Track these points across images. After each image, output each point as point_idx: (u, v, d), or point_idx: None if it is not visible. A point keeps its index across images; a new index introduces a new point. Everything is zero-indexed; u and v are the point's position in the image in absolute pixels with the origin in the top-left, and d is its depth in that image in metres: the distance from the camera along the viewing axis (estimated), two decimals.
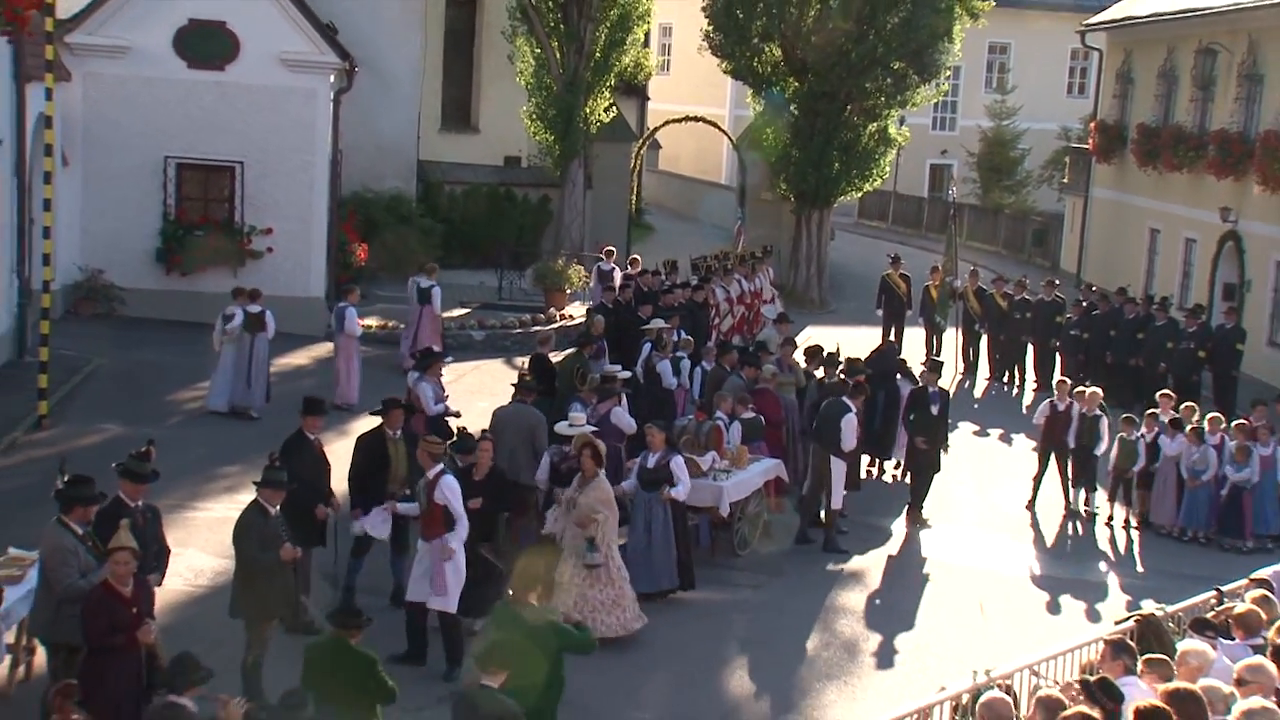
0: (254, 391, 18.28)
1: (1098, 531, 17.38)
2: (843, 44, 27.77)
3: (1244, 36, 26.70)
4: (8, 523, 11.61)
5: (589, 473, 12.28)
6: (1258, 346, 24.15)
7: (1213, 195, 26.96)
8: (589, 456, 12.32)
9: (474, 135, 31.56)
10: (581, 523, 12.10)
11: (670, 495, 13.10)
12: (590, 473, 12.28)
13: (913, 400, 17.05)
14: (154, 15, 22.52)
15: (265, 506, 10.72)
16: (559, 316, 24.97)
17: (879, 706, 10.45)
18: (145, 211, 22.85)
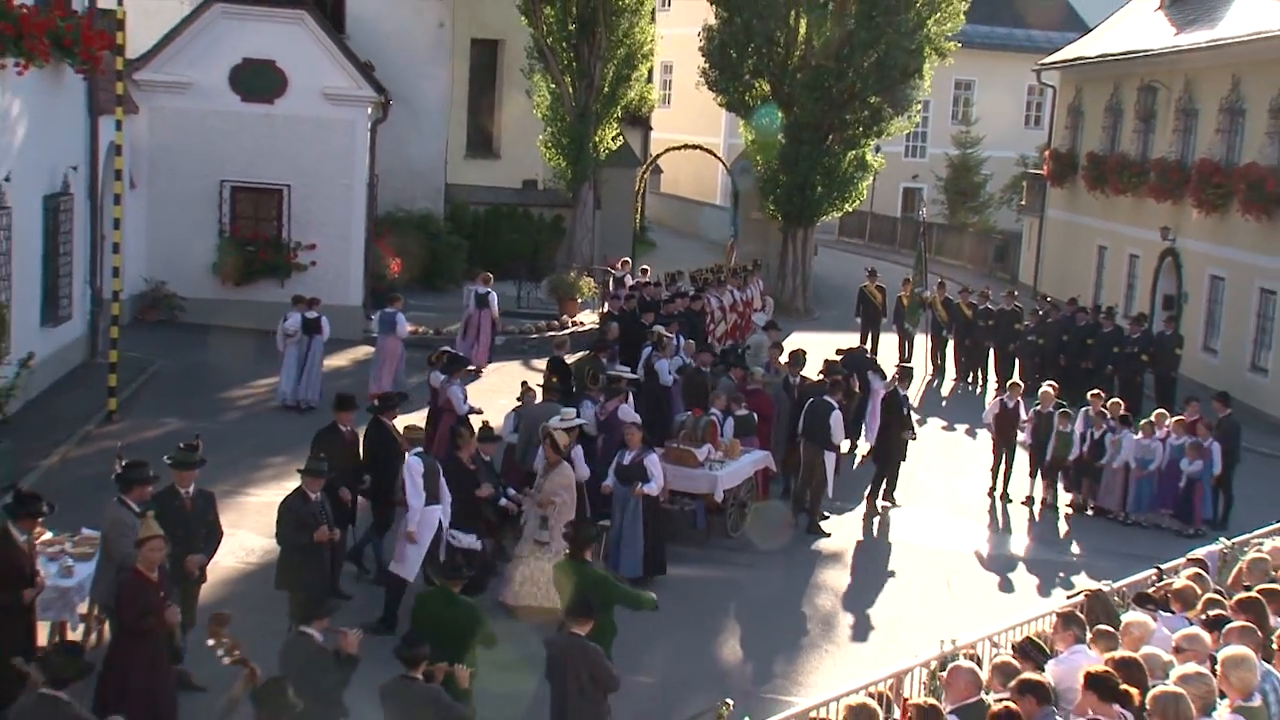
0: (310, 386, 18.46)
1: (1050, 516, 17.30)
2: (824, 80, 27.80)
3: (1181, 76, 26.82)
4: (81, 506, 11.63)
5: (552, 461, 12.21)
6: (1193, 351, 24.23)
7: (1154, 216, 27.04)
8: (550, 447, 12.27)
9: (495, 161, 31.60)
10: (542, 504, 12.03)
11: (642, 491, 12.84)
12: (553, 461, 12.20)
13: (890, 402, 16.93)
14: (212, 54, 22.70)
15: (307, 492, 10.76)
16: (571, 323, 25.00)
17: (857, 673, 10.42)
18: (203, 229, 22.96)
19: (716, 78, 29.48)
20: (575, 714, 8.70)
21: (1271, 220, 22.95)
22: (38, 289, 17.44)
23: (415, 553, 11.47)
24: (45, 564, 10.16)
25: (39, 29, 15.46)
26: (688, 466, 14.39)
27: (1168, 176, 26.45)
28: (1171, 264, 26.63)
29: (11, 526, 9.34)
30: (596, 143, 28.02)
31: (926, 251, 28.31)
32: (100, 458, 14.50)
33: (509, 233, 29.12)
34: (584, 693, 8.68)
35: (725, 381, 16.73)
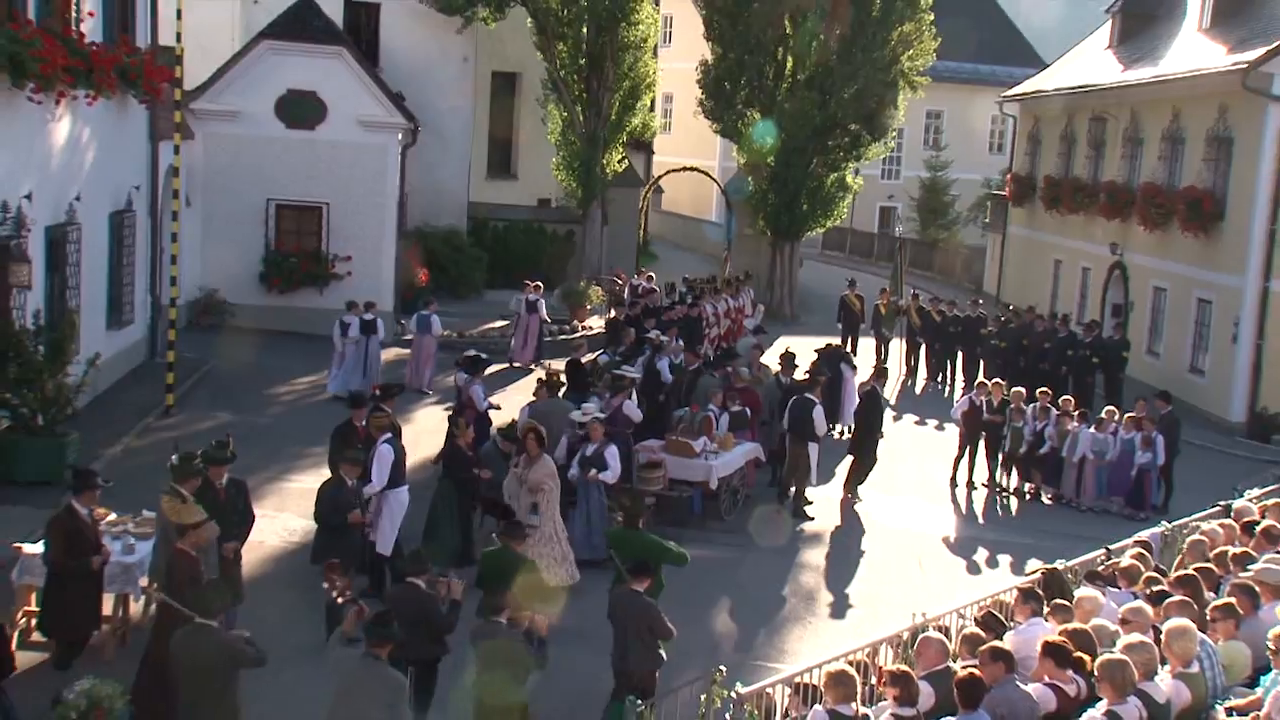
0: (368, 381, 18.50)
1: (1010, 501, 17.35)
2: (809, 110, 27.80)
3: (1127, 108, 26.86)
4: (142, 490, 11.65)
5: (533, 453, 12.07)
6: (1139, 354, 24.24)
7: (1103, 233, 27.07)
8: (533, 440, 12.15)
9: (513, 181, 31.62)
10: (534, 489, 11.97)
11: (596, 477, 12.73)
12: (535, 453, 12.07)
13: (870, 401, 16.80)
14: (260, 86, 22.80)
15: (343, 479, 10.80)
16: (581, 327, 25.05)
17: (836, 643, 10.37)
18: (251, 242, 23.05)
19: (712, 107, 29.54)
20: (635, 658, 9.15)
21: (1208, 237, 23.00)
22: (104, 296, 17.53)
23: (390, 529, 11.53)
24: (110, 542, 10.22)
25: (107, 64, 15.53)
26: (686, 457, 14.42)
27: (1116, 198, 26.46)
28: (1119, 276, 26.63)
29: (75, 502, 9.39)
30: (604, 165, 28.05)
31: (901, 264, 28.42)
32: (158, 448, 14.55)
33: (525, 246, 29.17)
34: (643, 640, 9.14)
35: (707, 380, 16.75)
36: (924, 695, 7.30)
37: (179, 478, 9.93)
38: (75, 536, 9.32)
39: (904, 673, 7.36)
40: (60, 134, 15.37)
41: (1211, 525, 11.32)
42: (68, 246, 15.82)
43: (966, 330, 23.67)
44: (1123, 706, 6.78)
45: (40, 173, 14.75)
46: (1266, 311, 21.69)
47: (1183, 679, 7.41)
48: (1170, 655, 7.50)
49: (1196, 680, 7.49)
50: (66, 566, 9.30)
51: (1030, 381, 19.27)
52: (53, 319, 14.76)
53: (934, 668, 7.67)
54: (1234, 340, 22.19)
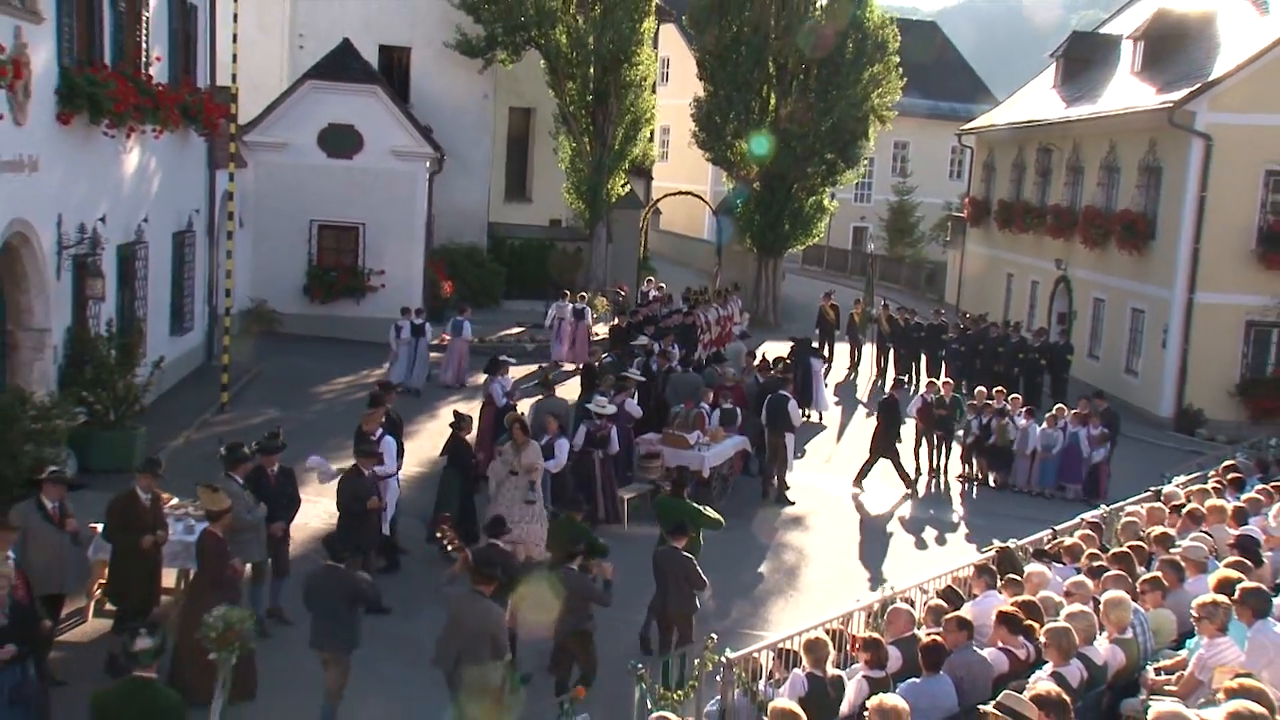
0: (417, 375, 19.04)
1: (967, 488, 17.31)
2: (790, 141, 27.83)
3: (1070, 140, 26.91)
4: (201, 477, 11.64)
5: (520, 440, 12.01)
6: (1081, 357, 24.29)
7: (1050, 250, 27.09)
8: (519, 429, 12.11)
9: (528, 204, 31.63)
10: (528, 470, 11.95)
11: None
12: (521, 441, 12.02)
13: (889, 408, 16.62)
14: (304, 121, 22.84)
15: (361, 470, 10.77)
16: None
17: (814, 614, 10.32)
18: (296, 258, 23.05)
19: (704, 138, 29.49)
20: (674, 605, 9.71)
21: (1141, 254, 23.03)
22: (167, 306, 17.57)
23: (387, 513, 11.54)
24: (173, 523, 10.18)
25: (171, 102, 15.61)
26: (681, 448, 14.42)
27: (1060, 219, 26.49)
28: (1064, 288, 26.65)
29: (138, 487, 9.41)
30: (609, 189, 28.06)
31: (872, 277, 28.49)
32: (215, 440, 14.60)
33: (539, 261, 29.11)
34: (681, 590, 9.69)
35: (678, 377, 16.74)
36: (892, 659, 7.36)
37: (228, 465, 9.98)
38: (131, 517, 9.26)
39: (875, 639, 7.44)
40: (130, 164, 15.43)
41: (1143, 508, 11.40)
42: (136, 263, 15.88)
43: (929, 336, 23.72)
44: (1066, 668, 6.83)
45: (113, 198, 14.81)
46: (1191, 320, 21.72)
47: (1118, 644, 7.48)
48: (1108, 623, 7.56)
49: (1130, 645, 7.55)
50: (119, 543, 9.27)
51: (986, 382, 19.33)
52: (123, 326, 14.85)
53: (901, 635, 7.72)
54: (1163, 345, 22.23)
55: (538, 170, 31.56)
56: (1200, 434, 21.28)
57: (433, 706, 8.47)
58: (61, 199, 13.08)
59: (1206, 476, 13.15)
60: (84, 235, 13.61)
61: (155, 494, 9.62)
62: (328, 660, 8.39)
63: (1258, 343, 21.77)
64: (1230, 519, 9.94)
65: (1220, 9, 25.06)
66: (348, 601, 8.31)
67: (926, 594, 9.49)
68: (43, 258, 12.65)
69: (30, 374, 12.67)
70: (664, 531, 10.22)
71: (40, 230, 12.52)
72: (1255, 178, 21.39)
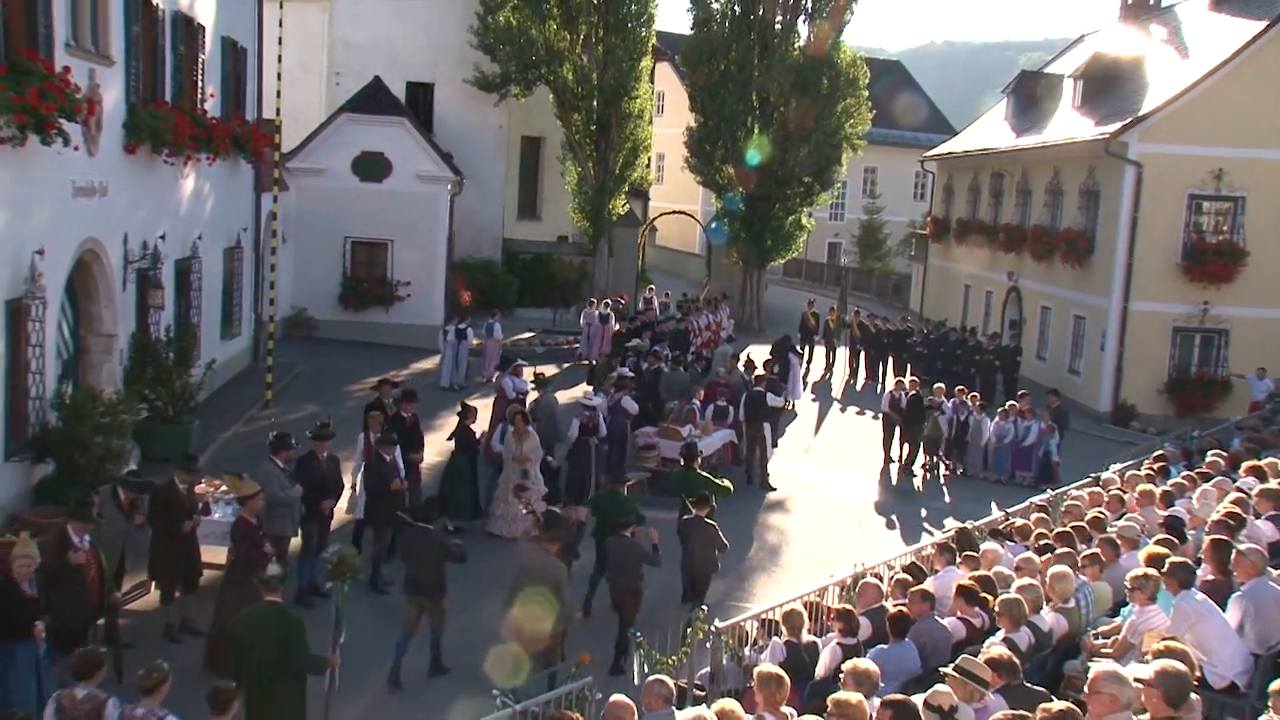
0: (459, 373, 19.42)
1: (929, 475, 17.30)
2: (772, 166, 27.86)
3: (1019, 166, 26.93)
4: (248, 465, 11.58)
5: (520, 430, 12.09)
6: (1030, 359, 24.32)
7: (1002, 264, 27.10)
8: (520, 420, 12.20)
9: (538, 222, 31.60)
10: (520, 460, 12.02)
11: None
12: (521, 430, 12.09)
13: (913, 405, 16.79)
14: (340, 149, 22.83)
15: (383, 455, 10.77)
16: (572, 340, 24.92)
17: (792, 588, 10.38)
18: (331, 271, 23.03)
19: (695, 163, 29.47)
20: (701, 565, 10.01)
21: (1082, 268, 23.07)
22: (218, 314, 17.56)
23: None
24: (221, 506, 10.22)
25: (223, 133, 15.64)
26: (674, 440, 14.40)
27: (1011, 236, 26.52)
28: (1014, 297, 26.67)
29: (176, 479, 9.40)
30: (610, 209, 28.04)
31: (846, 287, 28.53)
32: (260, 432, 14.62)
33: (547, 273, 29.14)
34: (706, 552, 10.00)
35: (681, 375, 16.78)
36: (863, 628, 7.42)
37: (273, 450, 10.03)
38: (170, 505, 9.25)
39: (847, 610, 7.49)
40: (186, 188, 15.45)
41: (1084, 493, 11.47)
42: (191, 275, 15.91)
43: (896, 340, 23.77)
44: (1016, 634, 6.89)
45: (171, 218, 14.84)
46: (1126, 326, 21.78)
47: (1062, 612, 7.53)
48: (1053, 594, 7.60)
49: (1072, 613, 7.60)
50: (159, 527, 9.27)
51: (945, 380, 19.37)
52: (180, 332, 14.82)
53: (871, 606, 7.76)
54: (1102, 348, 22.28)
55: (547, 191, 31.54)
56: (1134, 426, 21.34)
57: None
58: (127, 219, 13.12)
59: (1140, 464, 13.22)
60: (146, 251, 13.65)
61: (191, 485, 9.61)
62: (424, 605, 8.78)
63: (1183, 346, 21.87)
64: (1159, 501, 9.97)
65: (1148, 53, 25.23)
66: (437, 557, 8.66)
67: (893, 570, 9.51)
68: (111, 271, 12.69)
69: (100, 374, 12.70)
70: (688, 501, 10.40)
71: (109, 247, 12.55)
72: (1180, 201, 21.49)
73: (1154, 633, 6.51)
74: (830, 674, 6.95)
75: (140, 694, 6.07)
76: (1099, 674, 4.85)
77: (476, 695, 8.07)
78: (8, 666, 6.99)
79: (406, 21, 26.84)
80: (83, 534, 8.09)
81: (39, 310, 10.70)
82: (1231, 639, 6.49)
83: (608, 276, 28.87)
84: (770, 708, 5.81)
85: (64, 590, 7.87)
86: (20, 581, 7.15)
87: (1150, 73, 24.10)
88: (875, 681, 5.73)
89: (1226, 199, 21.49)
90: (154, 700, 6.00)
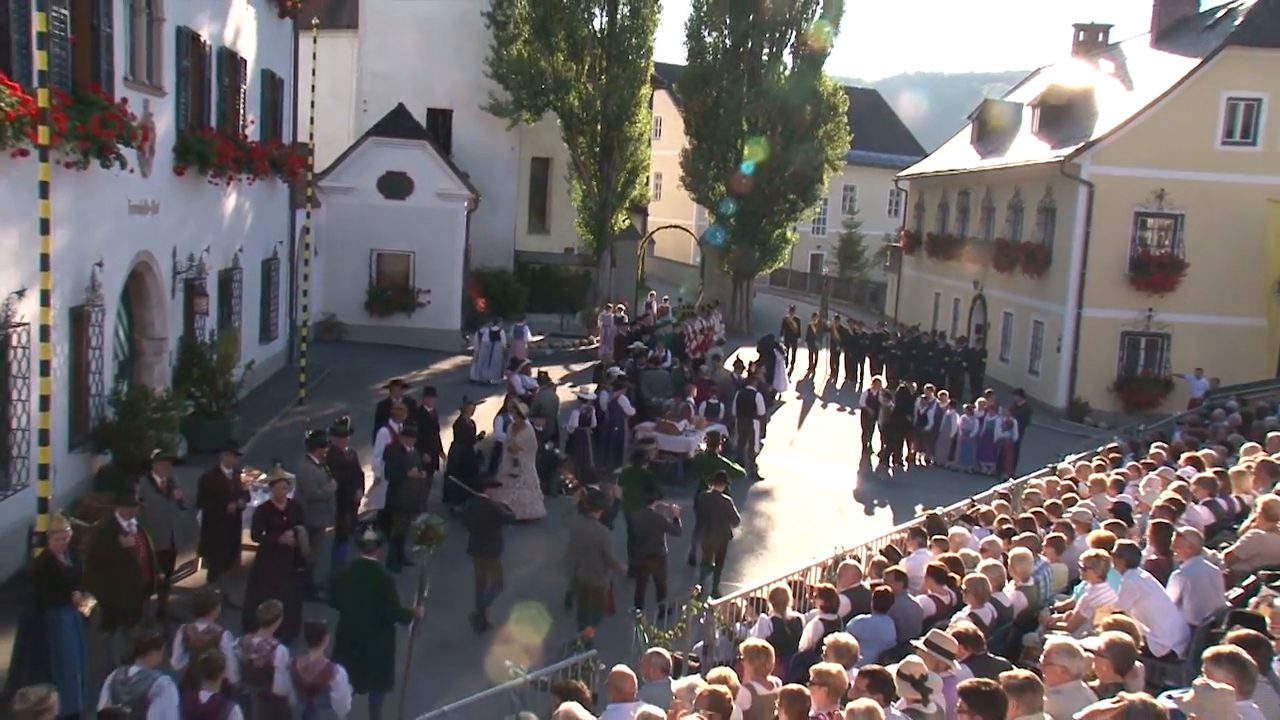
0: (490, 369, 19.75)
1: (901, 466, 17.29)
2: (761, 185, 27.89)
3: (984, 185, 26.98)
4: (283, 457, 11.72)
5: (518, 423, 12.19)
6: (994, 360, 24.35)
7: (968, 274, 27.14)
8: (516, 414, 12.31)
9: (546, 235, 31.52)
10: (513, 450, 12.08)
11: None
12: (519, 422, 12.18)
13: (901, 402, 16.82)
14: (367, 169, 22.81)
15: (404, 446, 10.80)
16: (596, 341, 25.14)
17: (778, 569, 10.35)
18: (359, 280, 23.01)
19: (690, 182, 29.48)
20: (717, 536, 10.40)
21: (1041, 278, 23.14)
22: (257, 319, 17.59)
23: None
24: (261, 494, 10.09)
25: (262, 156, 15.71)
26: (671, 434, 14.51)
27: (977, 248, 26.60)
28: (980, 304, 26.73)
29: (222, 465, 9.44)
30: (612, 224, 28.02)
31: (827, 295, 28.55)
32: (294, 427, 14.66)
33: (555, 282, 29.11)
34: (722, 525, 10.37)
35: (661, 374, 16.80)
36: (843, 605, 7.43)
37: (309, 448, 10.05)
38: (216, 489, 9.29)
39: (829, 589, 7.52)
40: (229, 205, 15.49)
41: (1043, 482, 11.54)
42: (233, 285, 15.95)
43: (872, 343, 23.74)
44: (981, 610, 6.93)
45: (215, 233, 14.89)
46: (1080, 330, 21.86)
47: (1023, 590, 7.56)
48: (1014, 574, 7.63)
49: (1032, 591, 7.64)
50: (207, 509, 9.31)
51: (917, 380, 19.43)
52: (222, 335, 14.90)
53: (850, 585, 7.78)
54: (1058, 350, 22.35)
55: (554, 207, 31.52)
56: (1087, 421, 21.41)
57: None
58: (176, 234, 13.18)
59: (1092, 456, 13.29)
60: (193, 263, 13.72)
61: (236, 470, 9.62)
62: (484, 565, 9.33)
63: (1130, 348, 21.96)
64: (1109, 489, 10.03)
65: (1098, 84, 25.31)
66: (494, 522, 9.28)
67: (870, 552, 9.54)
68: (161, 281, 12.75)
69: (151, 374, 12.77)
70: (707, 479, 10.81)
71: (159, 259, 12.62)
72: (1127, 217, 21.59)
73: (1104, 608, 6.57)
74: (813, 646, 6.96)
75: (260, 625, 6.53)
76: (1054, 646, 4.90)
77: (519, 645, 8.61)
78: (55, 628, 7.12)
79: (428, 54, 26.89)
80: (129, 518, 8.15)
81: (98, 316, 10.80)
82: (1171, 612, 6.55)
83: (610, 285, 28.88)
84: (758, 677, 5.85)
85: (116, 571, 7.94)
86: (57, 554, 7.27)
87: (1100, 102, 24.19)
88: (855, 654, 5.74)
89: (1168, 216, 21.61)
90: (268, 631, 6.51)
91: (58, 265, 8.84)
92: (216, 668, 5.80)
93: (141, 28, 11.80)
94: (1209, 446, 11.64)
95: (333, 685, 6.30)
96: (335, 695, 6.32)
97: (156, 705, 5.63)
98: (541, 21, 25.65)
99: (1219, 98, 21.11)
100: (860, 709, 4.37)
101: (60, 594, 7.18)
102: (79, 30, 10.07)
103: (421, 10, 26.88)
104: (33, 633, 7.12)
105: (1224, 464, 10.29)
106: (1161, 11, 25.18)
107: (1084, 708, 4.16)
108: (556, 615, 9.63)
